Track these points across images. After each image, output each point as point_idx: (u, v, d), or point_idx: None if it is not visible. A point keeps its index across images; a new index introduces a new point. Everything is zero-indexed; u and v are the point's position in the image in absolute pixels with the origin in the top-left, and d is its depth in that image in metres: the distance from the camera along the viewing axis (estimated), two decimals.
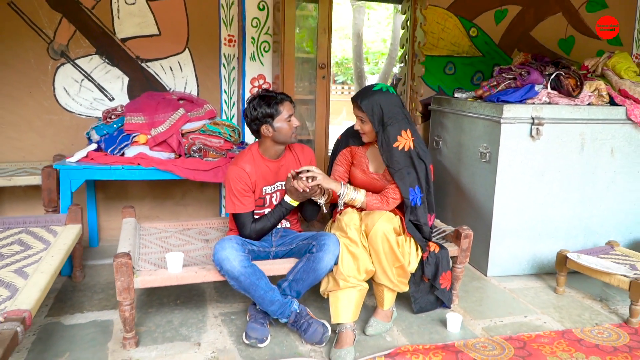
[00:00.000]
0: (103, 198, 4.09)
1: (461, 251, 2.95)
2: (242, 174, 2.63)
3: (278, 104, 2.59)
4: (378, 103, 2.64)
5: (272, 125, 2.59)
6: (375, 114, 2.64)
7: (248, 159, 2.69)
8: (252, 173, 2.66)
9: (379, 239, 2.57)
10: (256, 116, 2.59)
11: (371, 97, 2.66)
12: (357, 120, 2.74)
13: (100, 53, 3.88)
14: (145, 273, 2.49)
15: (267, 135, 2.62)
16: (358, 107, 2.68)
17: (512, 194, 3.44)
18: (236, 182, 2.62)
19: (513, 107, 3.32)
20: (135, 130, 3.37)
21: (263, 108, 2.57)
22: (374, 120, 2.64)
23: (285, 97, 2.65)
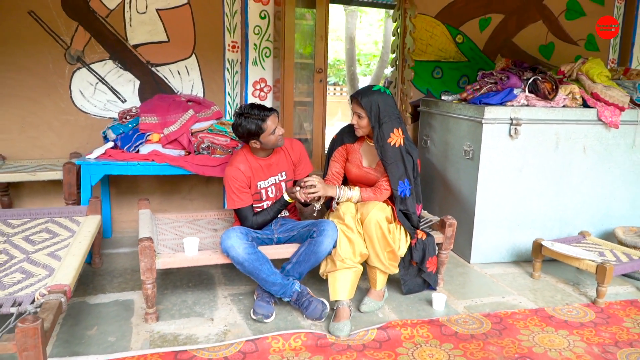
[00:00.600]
0: (116, 193, 4.39)
1: (446, 238, 3.28)
2: (237, 173, 2.94)
3: (263, 122, 2.86)
4: (376, 102, 2.96)
5: (258, 140, 2.91)
6: (373, 111, 2.96)
7: (241, 159, 3.00)
8: (246, 171, 2.97)
9: (372, 226, 2.89)
10: (242, 134, 2.90)
11: (371, 96, 2.98)
12: (354, 116, 3.05)
13: (113, 58, 4.18)
14: (165, 255, 2.81)
15: (256, 147, 2.96)
16: (358, 104, 3.00)
17: (493, 188, 3.78)
18: (233, 180, 2.94)
19: (494, 109, 3.66)
20: (149, 129, 3.68)
21: (248, 128, 2.86)
22: (371, 117, 2.97)
23: (268, 112, 2.91)
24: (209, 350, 2.55)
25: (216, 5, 4.29)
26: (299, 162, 3.16)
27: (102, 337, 2.66)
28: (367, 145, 3.18)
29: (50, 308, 2.14)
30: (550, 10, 5.17)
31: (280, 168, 3.09)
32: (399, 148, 2.99)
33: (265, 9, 4.31)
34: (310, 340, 2.66)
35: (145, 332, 2.73)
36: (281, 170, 3.09)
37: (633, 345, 2.76)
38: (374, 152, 3.14)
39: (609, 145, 3.97)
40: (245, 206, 2.98)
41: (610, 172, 4.01)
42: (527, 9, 5.07)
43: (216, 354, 2.51)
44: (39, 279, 2.47)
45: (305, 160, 3.19)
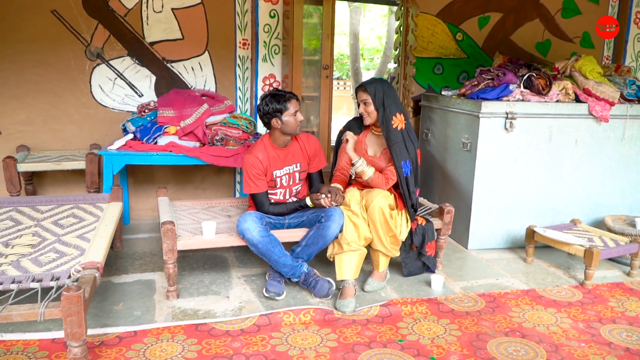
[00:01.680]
0: (133, 182, 4.64)
1: (444, 224, 3.52)
2: (255, 161, 3.18)
3: (286, 101, 3.13)
4: (380, 87, 3.21)
5: (280, 118, 3.14)
6: (377, 96, 3.20)
7: (260, 148, 3.24)
8: (264, 159, 3.20)
9: (376, 212, 3.13)
10: (267, 111, 3.13)
11: (375, 83, 3.24)
12: (361, 105, 3.29)
13: (131, 55, 4.42)
14: (186, 237, 3.06)
15: (277, 127, 3.17)
16: (364, 91, 3.24)
17: (489, 178, 4.01)
18: (251, 167, 3.17)
19: (490, 104, 3.89)
20: (166, 122, 3.93)
21: (273, 104, 3.12)
22: (376, 101, 3.20)
23: (292, 95, 3.19)
24: (226, 323, 2.80)
25: (228, 4, 4.53)
26: (314, 155, 3.39)
27: (129, 312, 2.92)
28: (372, 135, 3.42)
29: (87, 281, 2.39)
30: (546, 8, 5.38)
31: (296, 159, 3.32)
32: (401, 131, 3.22)
33: (274, 8, 4.54)
34: (318, 315, 2.91)
35: (167, 307, 2.98)
36: (296, 162, 3.33)
37: (616, 322, 3.00)
38: (378, 142, 3.37)
39: (600, 139, 4.20)
40: (260, 192, 3.21)
41: (600, 163, 4.24)
42: (524, 8, 5.29)
43: (233, 327, 2.76)
44: (72, 257, 2.72)
45: (320, 155, 3.42)
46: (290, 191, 3.35)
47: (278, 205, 3.26)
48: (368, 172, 3.25)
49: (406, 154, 3.23)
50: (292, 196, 3.38)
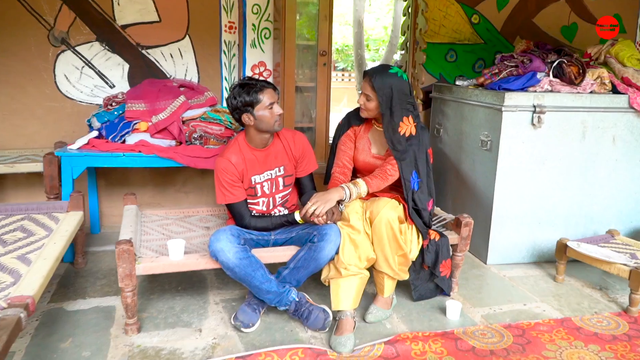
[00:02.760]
0: (105, 185, 4.10)
1: (461, 239, 2.96)
2: (228, 166, 2.63)
3: (258, 92, 2.57)
4: (390, 86, 2.65)
5: (252, 113, 2.58)
6: (385, 95, 2.65)
7: (234, 150, 2.69)
8: (238, 163, 2.65)
9: (383, 226, 2.57)
10: (236, 105, 2.58)
11: (385, 78, 2.66)
12: (361, 96, 2.74)
13: (100, 40, 3.87)
14: (147, 260, 2.50)
15: (249, 123, 2.62)
16: (370, 84, 2.68)
17: (512, 182, 3.45)
18: (223, 173, 2.63)
19: (515, 95, 3.32)
20: (136, 117, 3.37)
21: (242, 96, 2.56)
22: (382, 102, 2.65)
23: (267, 84, 2.63)
24: None
25: None
26: (301, 157, 2.83)
27: (76, 352, 2.37)
28: (376, 131, 2.87)
29: (5, 326, 1.85)
30: None
31: (279, 162, 2.77)
32: (410, 137, 2.69)
33: None
34: (308, 358, 2.36)
35: (124, 345, 2.44)
36: (279, 165, 2.77)
37: None
38: (382, 139, 2.83)
39: None
40: (237, 201, 2.67)
41: None
42: None
43: None
44: (1, 287, 2.18)
45: (308, 156, 2.86)
46: (274, 200, 2.80)
47: (261, 219, 2.71)
48: (362, 191, 2.69)
49: (414, 164, 2.69)
50: (277, 206, 2.83)
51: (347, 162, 2.90)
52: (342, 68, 18.00)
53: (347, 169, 2.89)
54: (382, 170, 2.73)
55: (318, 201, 2.58)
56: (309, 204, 2.59)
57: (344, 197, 2.64)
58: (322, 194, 2.62)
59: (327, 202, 2.58)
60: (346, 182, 2.77)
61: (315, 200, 2.59)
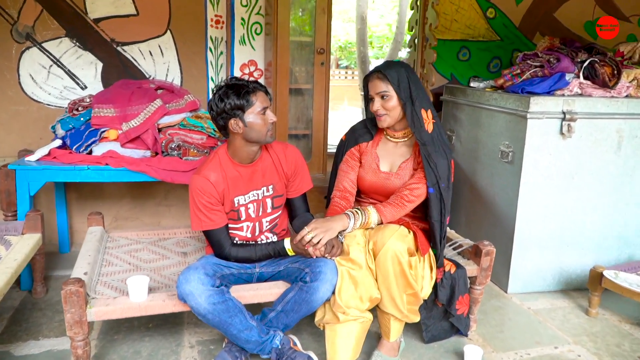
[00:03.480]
0: (76, 198, 3.66)
1: (481, 271, 2.51)
2: (205, 185, 2.18)
3: (250, 94, 2.13)
4: (404, 73, 2.26)
5: (242, 119, 2.14)
6: (402, 82, 2.25)
7: (213, 166, 2.24)
8: (218, 182, 2.21)
9: (389, 261, 2.13)
10: (223, 108, 2.13)
11: (396, 67, 2.28)
12: (375, 100, 2.31)
13: (70, 35, 3.43)
14: (102, 302, 2.06)
15: (237, 131, 2.17)
16: (381, 79, 2.27)
17: (537, 199, 3.00)
18: (199, 194, 2.19)
19: (541, 100, 2.87)
20: (104, 124, 2.93)
21: (231, 98, 2.12)
22: (400, 92, 2.25)
23: (259, 86, 2.19)
24: None
25: None
26: (294, 174, 2.39)
27: None
28: (387, 143, 2.45)
29: None
30: None
31: (267, 180, 2.33)
32: (431, 135, 2.27)
33: None
34: None
35: None
36: (267, 184, 2.33)
37: None
38: (395, 152, 2.42)
39: None
40: (216, 228, 2.22)
41: None
42: None
43: None
44: None
45: (302, 174, 2.41)
46: (260, 225, 2.36)
47: (244, 248, 2.27)
48: (371, 220, 2.26)
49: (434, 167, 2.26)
50: (264, 232, 2.39)
51: (350, 185, 2.46)
52: (345, 66, 17.65)
53: (348, 194, 2.45)
54: (399, 196, 2.29)
55: (318, 228, 2.15)
56: (306, 229, 2.15)
57: (347, 228, 2.20)
58: (322, 220, 2.19)
59: (328, 232, 2.15)
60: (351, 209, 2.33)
61: (314, 226, 2.16)
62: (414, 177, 2.30)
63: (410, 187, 2.28)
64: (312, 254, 2.15)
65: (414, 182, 2.28)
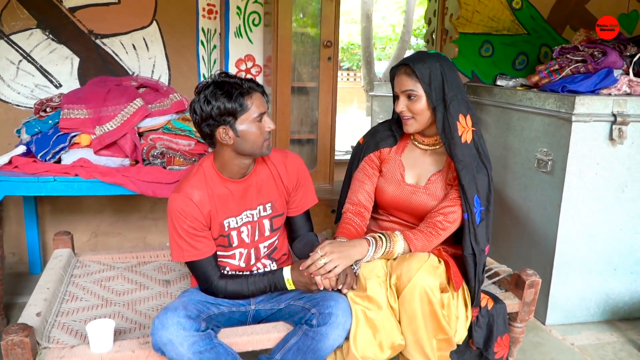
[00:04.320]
0: (50, 211, 3.24)
1: (524, 305, 2.08)
2: (187, 207, 1.75)
3: (245, 96, 1.70)
4: (439, 68, 1.82)
5: (233, 127, 1.71)
6: (434, 81, 1.81)
7: (197, 182, 1.80)
8: (203, 202, 1.78)
9: (416, 299, 1.70)
10: (210, 113, 1.69)
11: (429, 60, 1.83)
12: (400, 99, 1.88)
13: (42, 27, 3.01)
14: (55, 354, 1.62)
15: (226, 142, 1.74)
16: (408, 75, 1.83)
17: (581, 215, 2.57)
18: (180, 218, 1.75)
19: (588, 100, 2.44)
20: (74, 127, 2.50)
21: (221, 101, 1.68)
22: (431, 92, 1.81)
23: (256, 86, 1.75)
24: None
25: None
26: (295, 189, 1.96)
27: None
28: (414, 149, 2.02)
29: None
30: None
31: (263, 197, 1.89)
32: (469, 146, 1.83)
33: None
34: None
35: None
36: (264, 201, 1.90)
37: None
38: (424, 161, 1.98)
39: None
40: (202, 258, 1.79)
41: None
42: None
43: None
44: None
45: (305, 188, 1.98)
46: (256, 251, 1.93)
47: (234, 281, 1.83)
48: (397, 249, 1.83)
49: (475, 185, 1.83)
50: (262, 258, 1.96)
51: (365, 198, 2.03)
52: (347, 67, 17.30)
53: (363, 209, 2.02)
54: (431, 223, 1.86)
55: (334, 253, 1.72)
56: (319, 252, 1.73)
57: (365, 257, 1.77)
58: (338, 244, 1.77)
59: (345, 259, 1.73)
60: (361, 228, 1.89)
61: (328, 250, 1.73)
62: (449, 197, 1.87)
63: (445, 210, 1.85)
64: (318, 285, 1.71)
65: (449, 204, 1.85)
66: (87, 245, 3.33)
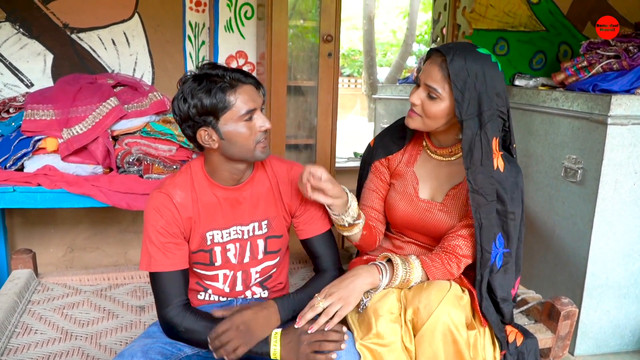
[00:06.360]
0: (21, 223, 2.93)
1: (558, 339, 1.76)
2: (165, 205, 1.46)
3: (226, 91, 1.39)
4: (479, 75, 1.44)
5: (216, 128, 1.41)
6: (468, 89, 1.44)
7: (182, 182, 1.52)
8: (185, 206, 1.49)
9: (438, 339, 1.38)
10: (187, 113, 1.39)
11: (470, 61, 1.44)
12: (420, 90, 1.53)
13: (12, 20, 2.71)
14: None
15: (209, 146, 1.44)
16: (440, 68, 1.48)
17: (617, 232, 2.26)
18: (155, 217, 1.46)
19: (625, 100, 2.13)
20: (39, 130, 2.21)
21: (198, 98, 1.38)
22: (462, 102, 1.44)
23: (243, 77, 1.43)
24: None
25: None
26: (300, 208, 1.63)
27: None
28: (427, 159, 1.69)
29: None
30: None
31: (260, 213, 1.58)
32: (502, 176, 1.50)
33: None
34: None
35: None
36: (260, 218, 1.58)
37: None
38: (440, 173, 1.65)
39: None
40: (168, 270, 1.47)
41: None
42: None
43: None
44: None
45: (313, 208, 1.63)
46: (246, 276, 1.62)
47: (197, 318, 1.44)
48: (413, 278, 1.49)
49: (497, 221, 1.50)
50: (250, 286, 1.65)
51: (375, 216, 1.72)
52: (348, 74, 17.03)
53: (378, 221, 1.71)
54: (448, 247, 1.54)
55: (333, 292, 1.41)
56: (318, 298, 1.41)
57: (378, 286, 1.46)
58: (338, 280, 1.45)
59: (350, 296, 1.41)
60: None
61: (327, 291, 1.41)
62: (470, 216, 1.54)
63: (463, 232, 1.53)
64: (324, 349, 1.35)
65: (470, 223, 1.53)
66: (62, 261, 3.02)
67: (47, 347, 1.66)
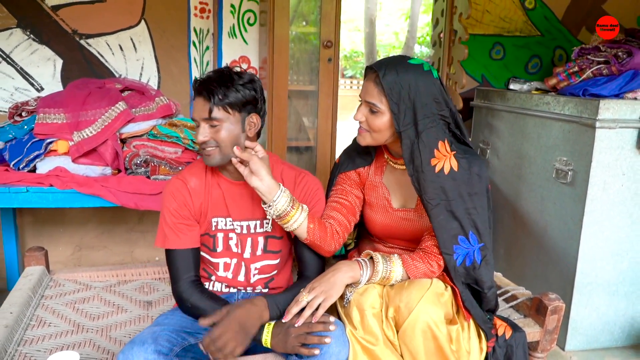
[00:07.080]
0: (32, 222, 3.03)
1: (545, 333, 1.85)
2: (180, 190, 1.64)
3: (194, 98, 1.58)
4: (412, 85, 1.53)
5: None
6: (402, 101, 1.53)
7: (197, 171, 1.69)
8: (197, 192, 1.65)
9: (418, 335, 1.47)
10: None
11: (402, 73, 1.53)
12: (362, 107, 1.63)
13: (23, 26, 2.81)
14: None
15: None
16: (375, 84, 1.57)
17: (605, 231, 2.35)
18: (170, 200, 1.62)
19: (613, 105, 2.22)
20: (51, 133, 2.30)
21: None
22: (398, 113, 1.54)
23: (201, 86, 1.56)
24: None
25: None
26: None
27: None
28: (393, 171, 1.78)
29: None
30: None
31: (263, 211, 1.64)
32: (449, 176, 1.57)
33: None
34: None
35: None
36: (262, 216, 1.69)
37: None
38: (407, 180, 1.68)
39: None
40: (180, 248, 1.61)
41: None
42: None
43: None
44: None
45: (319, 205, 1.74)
46: (247, 269, 1.72)
47: (204, 297, 1.58)
48: (394, 275, 1.58)
49: (457, 225, 1.59)
50: (252, 283, 1.74)
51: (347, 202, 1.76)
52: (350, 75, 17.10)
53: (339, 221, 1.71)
54: (427, 249, 1.62)
55: (316, 287, 1.50)
56: (303, 293, 1.51)
57: (359, 280, 1.55)
58: (320, 275, 1.55)
59: (332, 289, 1.50)
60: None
61: (311, 285, 1.51)
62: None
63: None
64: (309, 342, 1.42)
65: None
66: (70, 259, 3.12)
67: (60, 339, 1.75)
